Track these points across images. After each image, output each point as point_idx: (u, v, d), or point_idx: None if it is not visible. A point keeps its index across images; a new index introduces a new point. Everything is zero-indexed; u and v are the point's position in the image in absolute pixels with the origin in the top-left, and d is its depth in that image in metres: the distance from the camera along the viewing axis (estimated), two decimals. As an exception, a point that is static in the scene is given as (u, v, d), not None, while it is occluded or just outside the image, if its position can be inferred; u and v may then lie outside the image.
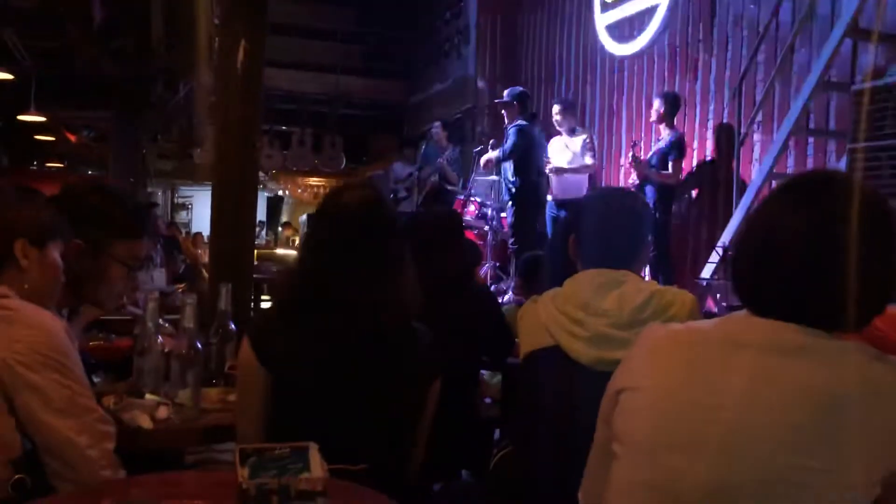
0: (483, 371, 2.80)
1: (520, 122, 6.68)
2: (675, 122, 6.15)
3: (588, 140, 6.70)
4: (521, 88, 7.14)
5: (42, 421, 1.39)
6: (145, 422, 1.70)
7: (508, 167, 6.79)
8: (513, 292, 5.54)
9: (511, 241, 6.86)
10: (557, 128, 6.82)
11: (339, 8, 12.24)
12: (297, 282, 1.66)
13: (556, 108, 6.80)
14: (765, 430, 1.05)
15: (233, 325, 2.13)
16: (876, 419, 1.03)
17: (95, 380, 1.96)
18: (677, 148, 5.90)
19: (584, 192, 6.60)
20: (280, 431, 1.61)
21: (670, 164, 5.87)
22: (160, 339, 1.93)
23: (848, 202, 1.11)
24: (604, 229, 1.87)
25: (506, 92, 6.96)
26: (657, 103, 6.10)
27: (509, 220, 6.89)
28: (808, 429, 1.03)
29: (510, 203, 6.85)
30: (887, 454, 1.03)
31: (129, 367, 1.96)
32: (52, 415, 1.39)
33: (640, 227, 1.90)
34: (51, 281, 1.61)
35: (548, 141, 6.96)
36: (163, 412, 1.77)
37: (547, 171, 6.69)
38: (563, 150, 6.73)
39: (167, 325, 2.06)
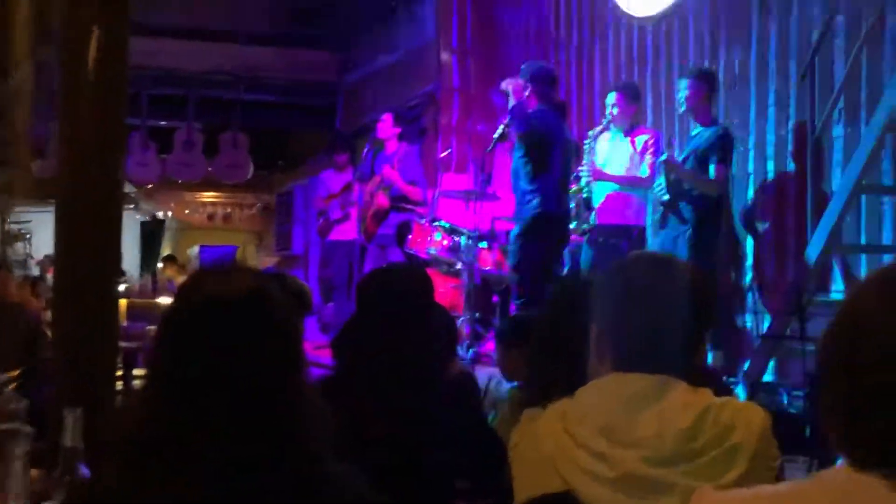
0: None
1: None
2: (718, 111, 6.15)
3: (651, 142, 6.40)
4: (542, 65, 6.88)
5: None
6: None
7: (522, 174, 6.24)
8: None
9: (515, 285, 6.38)
10: (613, 124, 6.50)
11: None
12: (141, 431, 1.53)
13: (612, 98, 6.50)
14: None
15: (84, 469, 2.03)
16: None
17: None
18: (721, 146, 5.79)
19: (643, 215, 6.54)
20: None
21: (712, 169, 5.75)
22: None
23: None
24: (632, 316, 1.82)
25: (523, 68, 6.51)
26: (684, 86, 5.98)
27: (512, 255, 6.37)
28: None
29: (517, 228, 6.27)
30: None
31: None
32: None
33: (683, 310, 1.85)
34: None
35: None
36: None
37: (586, 182, 6.48)
38: (614, 155, 6.48)
39: None
